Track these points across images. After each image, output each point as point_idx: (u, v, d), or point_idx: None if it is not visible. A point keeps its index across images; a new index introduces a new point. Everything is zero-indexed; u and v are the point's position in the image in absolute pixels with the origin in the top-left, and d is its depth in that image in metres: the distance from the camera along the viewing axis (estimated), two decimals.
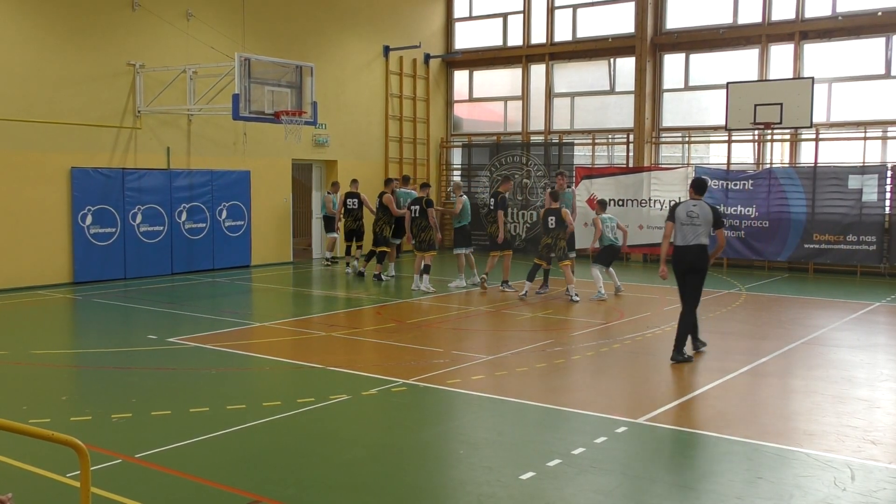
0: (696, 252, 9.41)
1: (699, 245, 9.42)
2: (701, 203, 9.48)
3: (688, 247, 9.42)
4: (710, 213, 9.40)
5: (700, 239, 9.39)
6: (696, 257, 9.42)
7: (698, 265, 9.46)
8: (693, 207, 9.45)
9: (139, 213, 16.42)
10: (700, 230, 9.37)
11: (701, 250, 9.43)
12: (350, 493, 5.54)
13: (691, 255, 9.41)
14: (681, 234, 9.48)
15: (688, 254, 9.42)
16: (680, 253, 9.52)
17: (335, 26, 20.62)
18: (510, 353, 9.85)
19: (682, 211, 9.51)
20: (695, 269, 9.46)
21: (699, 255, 9.43)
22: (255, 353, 9.87)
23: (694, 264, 9.43)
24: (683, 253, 9.47)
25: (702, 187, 9.69)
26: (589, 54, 21.86)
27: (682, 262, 9.51)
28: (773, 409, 7.67)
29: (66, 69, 15.41)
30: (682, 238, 9.46)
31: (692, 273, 9.49)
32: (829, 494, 5.46)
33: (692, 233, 9.39)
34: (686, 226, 9.43)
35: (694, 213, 9.41)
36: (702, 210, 9.41)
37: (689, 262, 9.43)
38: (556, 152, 21.96)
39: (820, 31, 18.67)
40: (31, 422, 6.75)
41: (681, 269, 9.57)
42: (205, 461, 6.12)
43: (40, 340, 10.85)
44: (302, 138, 18.11)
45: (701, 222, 9.36)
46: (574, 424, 7.06)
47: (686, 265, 9.48)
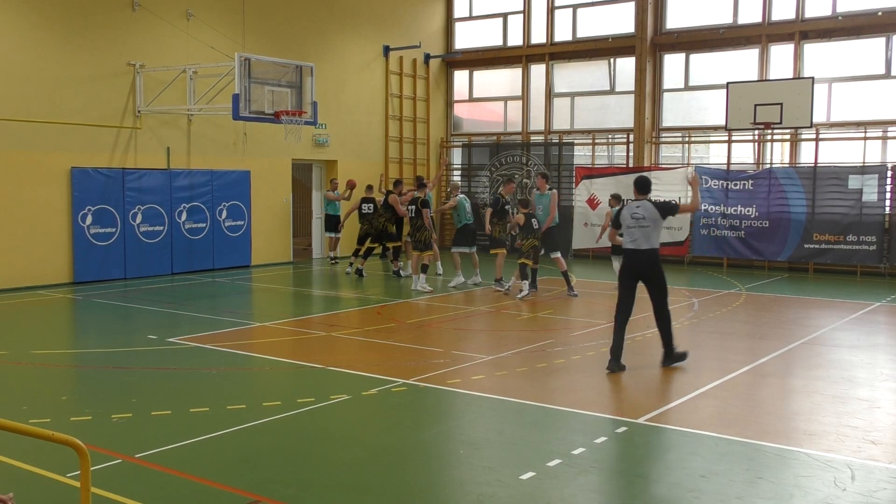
0: (648, 257, 8.91)
1: (651, 249, 8.91)
2: (644, 202, 9.01)
3: (639, 251, 8.93)
4: (656, 210, 8.92)
5: (651, 241, 8.90)
6: (648, 263, 8.92)
7: (653, 270, 8.94)
8: (637, 209, 8.97)
9: (139, 213, 16.42)
10: (650, 231, 8.88)
11: (653, 255, 8.94)
12: (350, 492, 5.54)
13: (643, 261, 8.92)
14: (629, 237, 9.01)
15: (640, 259, 8.93)
16: (631, 257, 9.02)
17: (335, 26, 20.62)
18: (510, 352, 9.85)
19: (627, 213, 9.06)
20: (650, 275, 8.93)
21: (652, 259, 8.93)
22: (256, 353, 9.87)
23: (648, 270, 8.93)
24: (635, 257, 8.98)
25: (644, 186, 9.21)
26: (589, 54, 21.86)
27: (634, 267, 9.00)
28: (773, 409, 7.67)
29: (66, 69, 15.41)
30: (633, 241, 8.98)
31: (649, 282, 8.95)
32: (830, 494, 5.46)
33: (641, 235, 8.90)
34: (633, 228, 8.95)
35: (638, 214, 8.93)
36: (646, 209, 8.92)
37: (641, 269, 8.94)
38: (556, 152, 21.96)
39: (820, 31, 18.67)
40: (32, 422, 6.75)
41: (631, 273, 9.02)
42: (205, 461, 6.12)
43: (40, 340, 10.85)
44: (302, 138, 18.10)
45: (648, 222, 8.88)
46: (574, 424, 7.06)
47: (637, 271, 8.97)
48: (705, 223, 19.34)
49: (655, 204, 9.01)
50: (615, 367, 8.84)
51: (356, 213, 18.27)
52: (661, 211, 8.94)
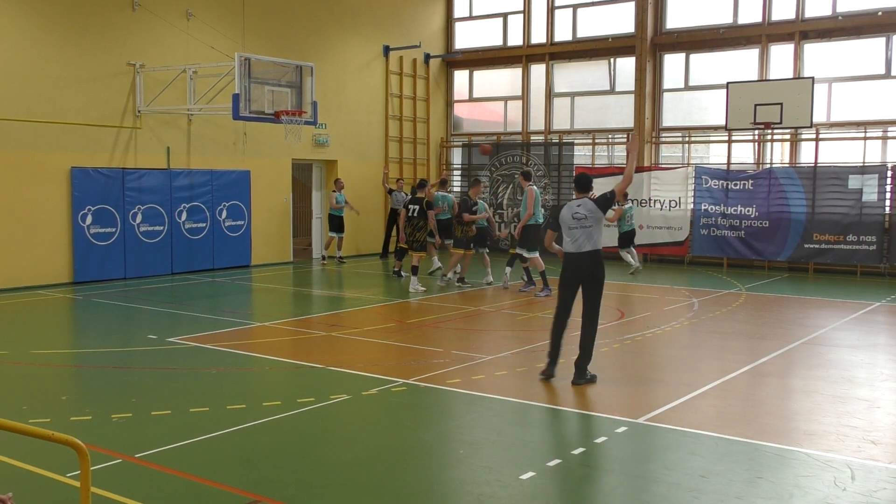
0: (591, 259, 8.34)
1: (594, 251, 8.35)
2: (585, 201, 8.46)
3: (581, 254, 8.34)
4: (597, 208, 8.33)
5: (595, 242, 8.35)
6: (591, 265, 8.35)
7: (595, 273, 8.36)
8: (577, 208, 8.41)
9: (139, 212, 16.42)
10: (592, 231, 8.31)
11: (597, 257, 8.36)
12: (350, 492, 5.54)
13: (587, 263, 8.34)
14: (571, 238, 8.41)
15: (581, 261, 8.35)
16: (573, 261, 8.41)
17: (335, 26, 20.62)
18: (510, 352, 9.85)
19: (567, 213, 8.45)
20: (591, 278, 8.34)
21: (595, 262, 8.35)
22: (256, 353, 9.87)
23: (590, 273, 8.34)
24: (577, 261, 8.38)
25: (584, 184, 8.71)
26: (589, 54, 21.86)
27: (575, 271, 8.41)
28: (773, 408, 7.67)
29: (66, 69, 15.41)
30: (574, 243, 8.39)
31: (588, 283, 8.36)
32: (830, 494, 5.46)
33: (584, 236, 8.32)
34: (574, 229, 8.37)
35: (580, 214, 8.36)
36: (587, 208, 8.36)
37: (583, 272, 8.36)
38: (556, 152, 21.96)
39: (820, 30, 18.67)
40: (31, 422, 6.75)
41: (573, 279, 8.45)
42: (205, 461, 6.12)
43: (40, 340, 10.84)
44: (302, 138, 18.10)
45: (591, 222, 8.31)
46: (574, 424, 7.06)
47: (580, 274, 8.38)
48: (705, 223, 19.34)
49: (595, 201, 8.43)
50: (550, 369, 8.46)
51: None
52: (601, 206, 8.37)
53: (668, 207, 19.80)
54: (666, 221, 19.81)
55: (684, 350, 10.41)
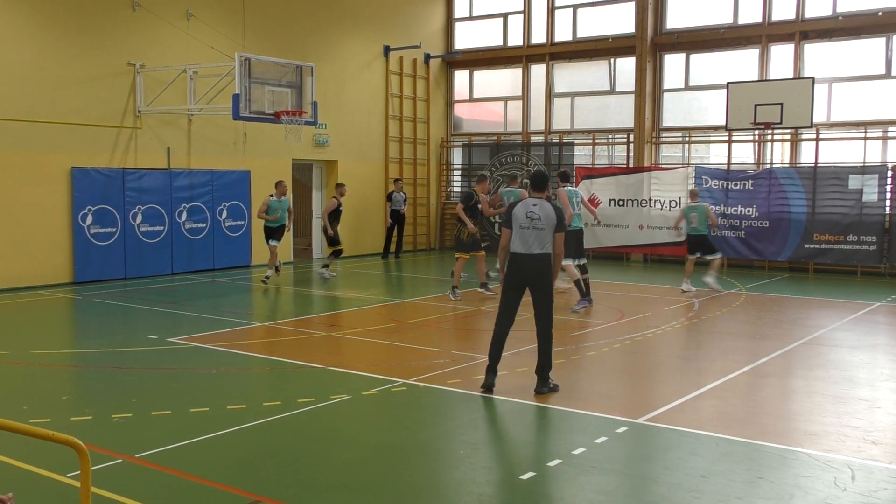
0: (539, 263, 7.90)
1: (544, 255, 7.93)
2: (542, 202, 8.01)
3: (530, 255, 7.90)
4: (553, 215, 7.92)
5: (545, 246, 7.92)
6: (538, 269, 7.91)
7: (543, 277, 7.94)
8: (533, 207, 7.95)
9: (139, 212, 16.42)
10: (544, 235, 7.89)
11: (545, 261, 7.95)
12: (350, 493, 5.54)
13: (533, 267, 7.90)
14: (521, 239, 7.93)
15: (529, 264, 7.90)
16: (519, 262, 7.95)
17: (335, 26, 20.62)
18: (510, 353, 9.82)
19: (521, 211, 7.98)
20: (538, 282, 7.95)
21: (543, 266, 7.93)
22: (256, 353, 9.88)
23: (537, 277, 7.93)
24: (523, 262, 7.93)
25: (541, 183, 8.20)
26: (589, 54, 21.86)
27: (520, 273, 7.96)
28: (773, 409, 7.67)
29: (67, 69, 15.41)
30: (524, 244, 7.92)
31: (535, 288, 7.98)
32: (830, 495, 5.46)
33: (535, 238, 7.89)
34: (526, 229, 7.91)
35: (535, 214, 7.91)
36: (543, 210, 7.92)
37: (529, 275, 7.93)
38: (556, 152, 21.96)
39: (820, 31, 18.67)
40: (32, 422, 6.75)
41: (518, 281, 8.00)
42: (205, 461, 6.12)
43: (40, 340, 10.85)
44: (302, 138, 18.11)
45: (544, 225, 7.88)
46: (574, 424, 7.06)
47: (526, 277, 7.95)
48: None
49: (556, 209, 8.02)
50: (489, 379, 7.99)
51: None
52: (557, 217, 7.95)
53: (669, 207, 19.79)
54: (666, 221, 19.78)
55: (684, 350, 10.41)
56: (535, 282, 7.96)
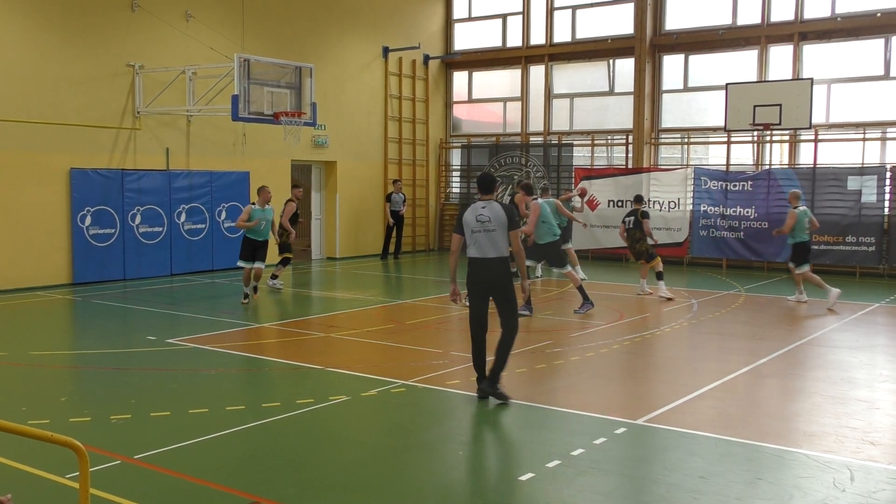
0: (496, 267, 7.72)
1: (500, 258, 7.72)
2: (491, 203, 7.79)
3: (486, 259, 7.70)
4: (504, 214, 7.70)
5: (500, 249, 7.70)
6: (496, 273, 7.73)
7: (501, 281, 7.75)
8: (482, 210, 7.74)
9: (138, 213, 16.42)
10: (497, 237, 7.68)
11: (502, 263, 7.74)
12: (349, 493, 5.54)
13: (491, 271, 7.72)
14: (475, 244, 7.73)
15: (486, 268, 7.72)
16: (476, 267, 7.77)
17: (335, 27, 20.62)
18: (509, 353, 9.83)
19: (471, 215, 7.79)
20: (497, 286, 7.76)
21: (501, 270, 7.74)
22: (255, 354, 9.87)
23: (496, 281, 7.74)
24: (480, 267, 7.74)
25: (488, 184, 7.95)
26: (588, 55, 21.87)
27: (480, 279, 7.77)
28: (772, 409, 7.67)
29: (66, 70, 15.41)
30: (478, 249, 7.72)
31: (495, 292, 7.80)
32: (829, 495, 5.46)
33: (487, 241, 7.68)
34: (478, 233, 7.71)
35: (484, 217, 7.70)
36: (493, 211, 7.71)
37: (488, 279, 7.74)
38: (555, 153, 21.97)
39: (819, 32, 18.69)
40: (30, 423, 6.74)
41: (479, 288, 7.80)
42: (204, 462, 6.12)
43: (39, 341, 10.84)
44: (301, 139, 18.11)
45: (494, 226, 7.68)
46: (573, 425, 7.06)
47: (485, 282, 7.77)
48: (704, 224, 19.35)
49: (506, 208, 7.82)
50: (485, 388, 7.79)
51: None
52: (508, 215, 7.74)
53: (668, 208, 19.80)
54: (665, 222, 19.81)
55: (684, 351, 10.41)
56: (495, 286, 7.77)
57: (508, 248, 7.82)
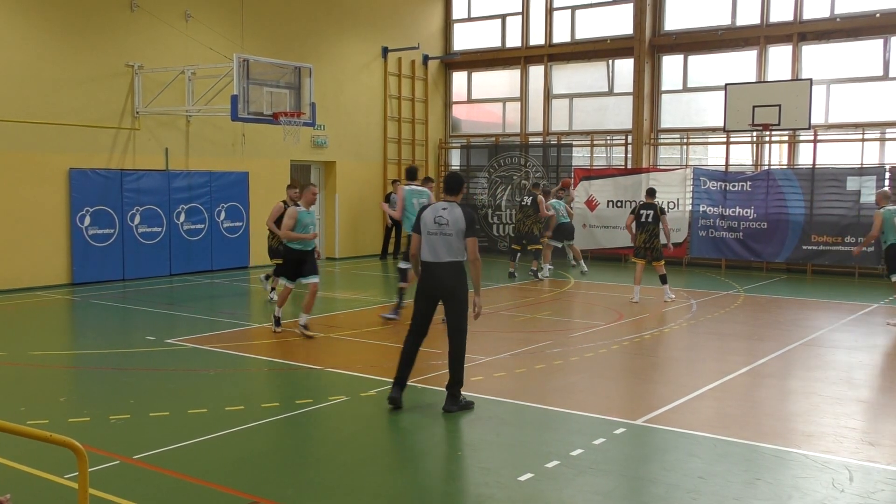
0: (449, 271, 7.26)
1: (454, 262, 7.26)
2: (453, 206, 7.34)
3: (439, 264, 7.25)
4: (463, 220, 7.24)
5: (455, 253, 7.25)
6: (449, 278, 7.26)
7: (454, 288, 7.29)
8: (443, 211, 7.30)
9: (137, 214, 16.41)
10: (453, 241, 7.23)
11: (456, 269, 7.28)
12: (348, 494, 5.54)
13: (443, 276, 7.26)
14: (429, 246, 7.30)
15: (438, 273, 7.26)
16: (428, 271, 7.33)
17: (334, 27, 20.62)
18: (508, 354, 9.85)
19: (430, 215, 7.34)
20: (449, 293, 7.31)
21: (454, 275, 7.28)
22: (254, 355, 9.87)
23: (447, 287, 7.28)
24: (432, 271, 7.29)
25: (455, 185, 7.51)
26: (587, 55, 21.88)
27: (430, 283, 7.33)
28: (771, 410, 7.67)
29: (65, 70, 15.41)
30: (432, 251, 7.28)
31: (447, 299, 7.34)
32: (827, 496, 5.46)
33: (443, 245, 7.24)
34: (434, 235, 7.27)
35: (443, 219, 7.25)
36: (452, 214, 7.26)
37: (441, 285, 7.29)
38: (554, 153, 21.98)
39: (818, 32, 18.70)
40: (29, 423, 6.74)
41: (428, 292, 7.38)
42: (203, 462, 6.12)
43: (38, 341, 10.83)
44: (300, 139, 18.11)
45: (452, 230, 7.22)
46: (572, 426, 7.06)
47: (435, 288, 7.32)
48: (703, 224, 19.36)
49: (466, 212, 7.32)
50: (396, 394, 7.40)
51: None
52: (467, 221, 7.28)
53: (667, 209, 19.79)
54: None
55: (683, 351, 10.42)
56: (446, 292, 7.31)
57: (464, 254, 7.33)
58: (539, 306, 13.53)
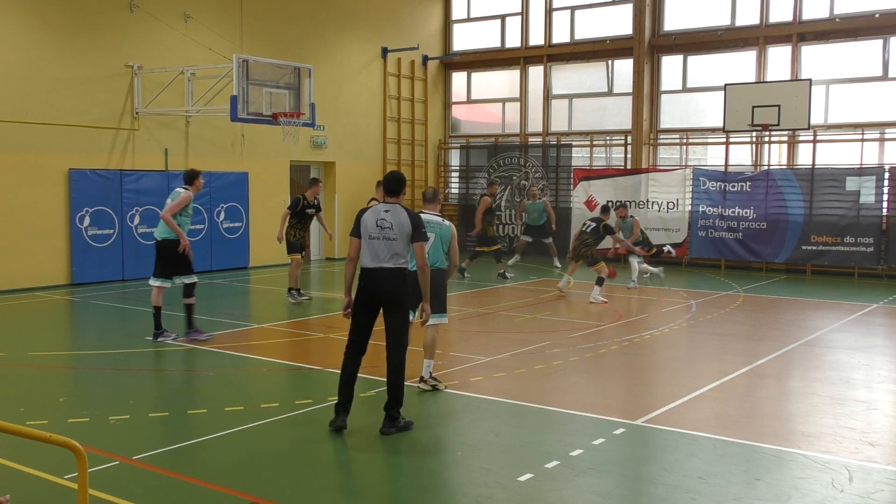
0: (391, 278, 6.74)
1: (397, 269, 6.76)
2: (396, 208, 6.82)
3: (381, 269, 6.73)
4: (408, 223, 6.77)
5: (397, 259, 6.75)
6: (392, 286, 6.74)
7: (397, 295, 6.76)
8: (385, 214, 6.79)
9: (137, 214, 16.41)
10: (396, 245, 6.73)
11: (399, 276, 6.78)
12: (348, 494, 5.54)
13: (385, 283, 6.73)
14: (370, 251, 6.75)
15: (381, 280, 6.73)
16: (369, 278, 6.77)
17: (333, 27, 20.63)
18: (508, 354, 9.85)
19: (371, 219, 6.80)
20: (392, 300, 6.77)
21: (397, 282, 6.76)
22: (253, 355, 9.87)
23: (389, 295, 6.76)
24: (375, 278, 6.74)
25: (395, 186, 6.95)
26: (587, 56, 21.88)
27: (370, 291, 6.78)
28: (771, 410, 7.67)
29: (65, 70, 15.41)
30: (373, 257, 6.75)
31: (388, 307, 6.80)
32: (827, 496, 5.46)
33: (386, 250, 6.72)
34: (376, 239, 6.75)
35: (386, 223, 6.76)
36: (397, 217, 6.76)
37: (382, 292, 6.75)
38: (554, 154, 21.98)
39: (817, 32, 18.71)
40: (29, 423, 6.74)
41: (368, 301, 6.81)
42: (203, 463, 6.11)
43: (38, 342, 10.82)
44: (300, 140, 18.10)
45: (396, 235, 6.73)
46: (572, 426, 7.06)
47: (376, 296, 6.77)
48: (703, 225, 19.36)
49: (412, 216, 6.86)
50: (340, 418, 6.80)
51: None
52: (413, 225, 6.80)
53: (666, 209, 19.81)
54: (664, 223, 19.82)
55: (682, 352, 10.42)
56: (387, 301, 6.78)
57: (409, 260, 6.91)
58: (538, 307, 13.54)
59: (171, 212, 10.49)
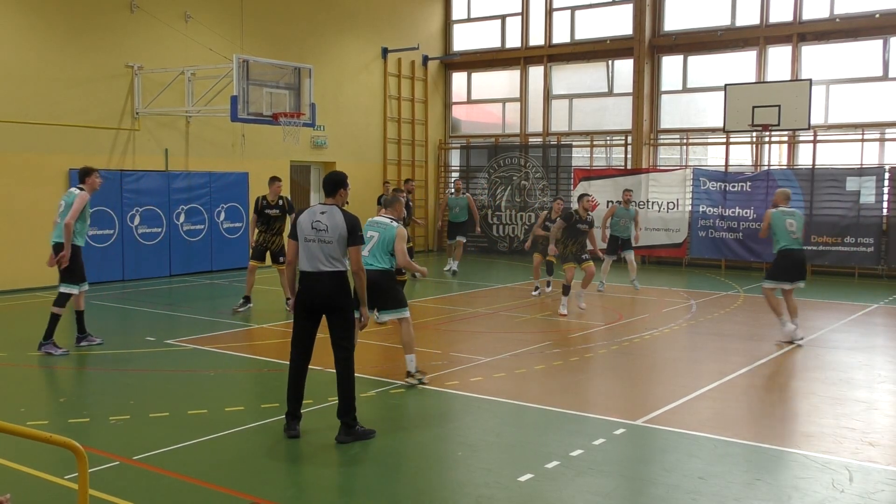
0: (329, 282, 6.53)
1: (335, 272, 6.54)
2: (332, 210, 6.58)
3: (318, 274, 6.52)
4: (344, 226, 6.51)
5: (335, 263, 6.53)
6: (330, 290, 6.54)
7: (335, 301, 6.57)
8: (321, 216, 6.55)
9: (137, 214, 16.41)
10: (332, 249, 6.51)
11: (337, 280, 6.57)
12: (348, 495, 5.54)
13: (323, 288, 6.53)
14: (306, 254, 6.55)
15: (318, 285, 6.53)
16: (306, 282, 6.59)
17: (334, 28, 20.63)
18: (508, 354, 9.85)
19: (307, 221, 6.58)
20: (330, 306, 6.59)
21: (336, 287, 6.56)
22: (254, 355, 9.87)
23: (328, 299, 6.56)
24: (312, 283, 6.55)
25: (332, 186, 6.70)
26: (587, 56, 21.88)
27: (309, 296, 6.59)
28: (771, 410, 7.67)
29: (65, 70, 15.41)
30: (310, 261, 6.53)
31: (328, 313, 6.64)
32: (827, 496, 5.46)
33: (322, 253, 6.50)
34: (312, 242, 6.52)
35: (321, 224, 6.51)
36: (332, 219, 6.53)
37: (320, 298, 6.56)
38: (554, 154, 21.99)
39: (817, 32, 18.71)
40: (29, 424, 6.74)
41: (307, 306, 6.62)
42: (203, 463, 6.11)
43: (38, 342, 10.81)
44: (300, 140, 18.10)
45: (331, 237, 6.49)
46: (572, 426, 7.06)
47: (315, 300, 6.58)
48: (703, 225, 19.36)
49: (349, 217, 6.59)
50: (293, 427, 6.66)
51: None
52: (349, 227, 6.54)
53: (667, 209, 19.81)
54: (664, 223, 19.82)
55: (682, 352, 10.42)
56: (327, 305, 6.59)
57: (346, 264, 6.64)
58: (538, 307, 13.53)
59: (73, 218, 9.61)
